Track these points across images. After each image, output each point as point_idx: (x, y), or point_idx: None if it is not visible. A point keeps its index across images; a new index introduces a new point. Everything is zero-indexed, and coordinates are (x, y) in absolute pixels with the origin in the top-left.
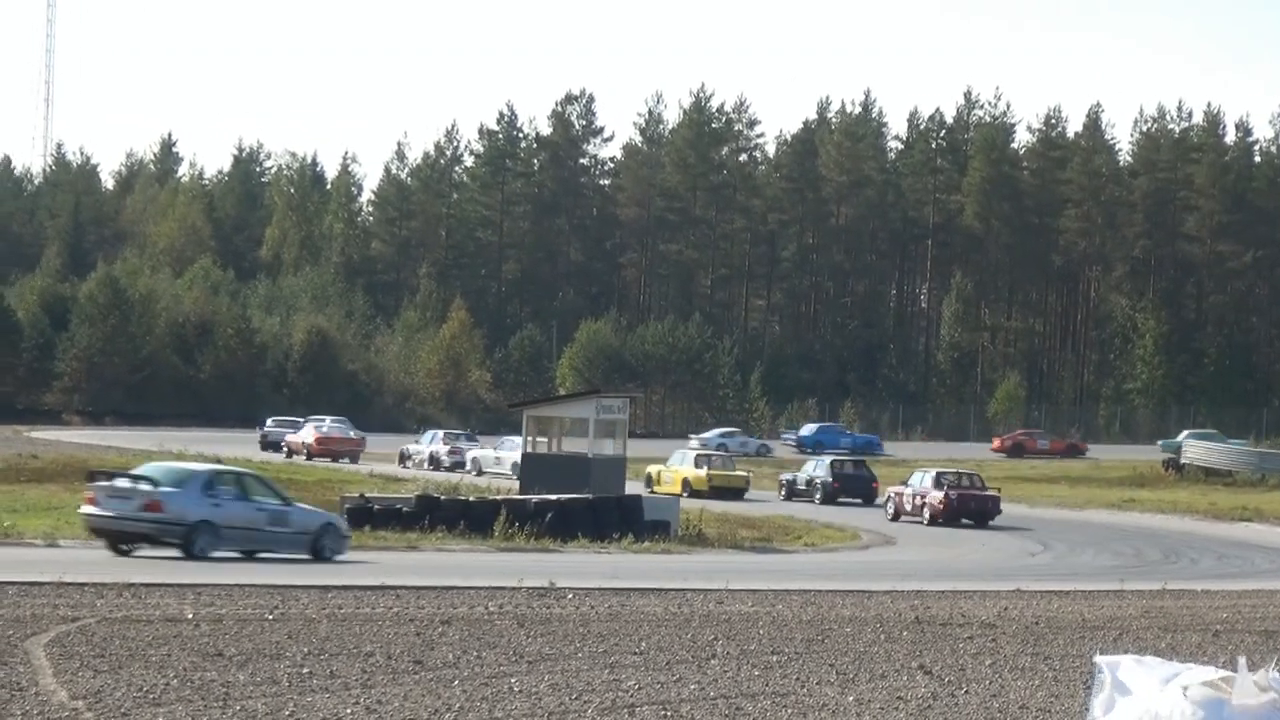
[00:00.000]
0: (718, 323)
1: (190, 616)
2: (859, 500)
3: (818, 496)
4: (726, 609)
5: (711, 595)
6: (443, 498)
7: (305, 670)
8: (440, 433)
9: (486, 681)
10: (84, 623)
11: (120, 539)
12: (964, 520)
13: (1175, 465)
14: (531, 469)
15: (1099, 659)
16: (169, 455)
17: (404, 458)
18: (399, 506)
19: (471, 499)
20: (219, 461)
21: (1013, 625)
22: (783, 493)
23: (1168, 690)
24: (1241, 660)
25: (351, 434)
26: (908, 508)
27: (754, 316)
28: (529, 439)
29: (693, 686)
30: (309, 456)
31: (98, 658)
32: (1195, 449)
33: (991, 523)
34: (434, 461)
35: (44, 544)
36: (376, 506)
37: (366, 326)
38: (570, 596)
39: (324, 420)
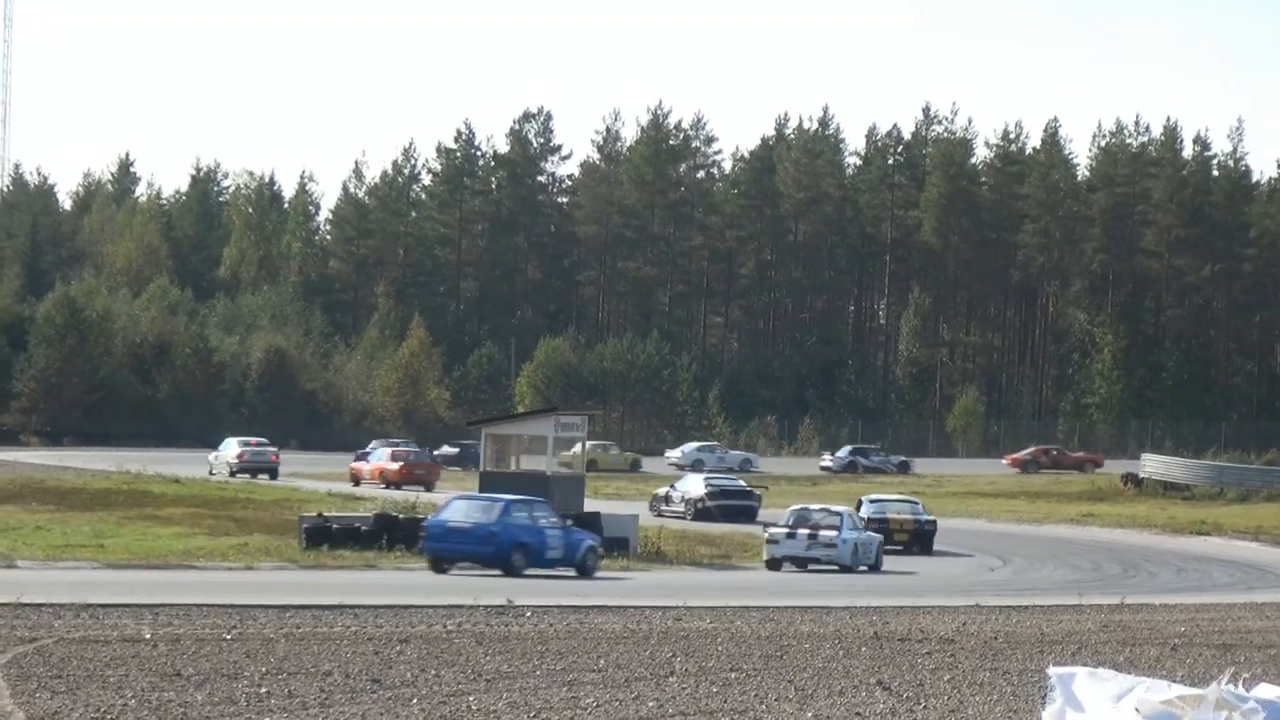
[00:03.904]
0: (676, 340)
1: (148, 637)
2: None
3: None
4: (685, 626)
5: (670, 612)
6: (401, 516)
7: (263, 690)
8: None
9: (444, 700)
10: (42, 643)
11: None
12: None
13: (1134, 480)
14: (491, 487)
15: (1052, 670)
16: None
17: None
18: (357, 525)
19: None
20: None
21: (971, 640)
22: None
23: (1120, 707)
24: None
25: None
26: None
27: (712, 333)
28: (487, 456)
29: (651, 704)
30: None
31: (55, 678)
32: (1154, 463)
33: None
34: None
35: (1, 565)
36: (335, 526)
37: (325, 345)
38: (529, 614)
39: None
